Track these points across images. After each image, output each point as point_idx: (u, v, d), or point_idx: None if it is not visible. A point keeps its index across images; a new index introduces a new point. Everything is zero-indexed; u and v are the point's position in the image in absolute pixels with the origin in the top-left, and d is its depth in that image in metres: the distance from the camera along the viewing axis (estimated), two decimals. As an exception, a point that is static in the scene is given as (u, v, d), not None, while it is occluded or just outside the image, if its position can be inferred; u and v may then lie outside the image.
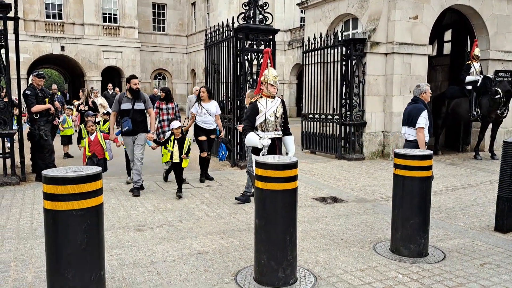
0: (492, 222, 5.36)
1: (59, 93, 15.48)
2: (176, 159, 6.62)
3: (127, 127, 6.71)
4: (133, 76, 6.90)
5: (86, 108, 11.15)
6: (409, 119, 5.94)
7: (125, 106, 6.76)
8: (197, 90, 10.64)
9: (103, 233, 3.02)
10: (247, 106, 6.36)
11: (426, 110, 5.83)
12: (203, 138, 7.69)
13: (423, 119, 5.79)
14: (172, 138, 6.68)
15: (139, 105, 6.82)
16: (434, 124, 11.75)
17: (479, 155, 10.76)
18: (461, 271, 3.98)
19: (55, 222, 2.79)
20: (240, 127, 7.31)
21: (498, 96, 10.04)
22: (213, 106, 7.85)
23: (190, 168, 8.22)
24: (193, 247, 4.49)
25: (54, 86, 14.54)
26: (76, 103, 13.20)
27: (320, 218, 5.62)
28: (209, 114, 7.72)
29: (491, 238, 4.92)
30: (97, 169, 2.94)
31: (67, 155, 10.33)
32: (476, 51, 10.58)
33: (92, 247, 2.88)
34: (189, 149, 6.73)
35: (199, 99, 7.91)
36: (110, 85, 16.99)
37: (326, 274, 3.89)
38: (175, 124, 6.72)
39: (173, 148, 6.62)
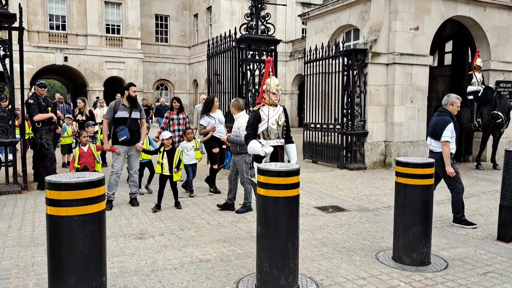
0: (494, 231, 5.34)
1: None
2: (166, 171, 6.42)
3: (125, 137, 6.40)
4: (132, 84, 6.69)
5: (84, 118, 11.08)
6: (434, 131, 5.78)
7: (122, 114, 6.45)
8: (204, 99, 10.62)
9: (105, 239, 3.02)
10: (234, 116, 6.39)
11: (452, 123, 5.68)
12: (216, 150, 7.49)
13: (449, 133, 5.64)
14: (162, 149, 6.47)
15: (136, 114, 6.58)
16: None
17: (481, 165, 10.74)
18: (464, 279, 3.96)
19: (58, 228, 2.79)
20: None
21: (500, 120, 10.04)
22: (221, 115, 7.91)
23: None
24: (195, 255, 4.47)
25: (59, 95, 14.59)
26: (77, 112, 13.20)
27: (322, 227, 5.61)
28: (220, 123, 7.72)
29: (494, 247, 4.90)
30: (100, 175, 2.95)
31: (67, 164, 10.35)
32: (478, 61, 10.62)
33: (94, 253, 2.87)
34: (179, 161, 6.52)
35: (207, 110, 7.72)
36: (118, 95, 16.80)
37: (328, 282, 3.87)
38: (166, 134, 6.56)
39: (162, 159, 6.42)
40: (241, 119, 6.22)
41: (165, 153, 6.43)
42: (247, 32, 9.07)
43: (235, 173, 6.40)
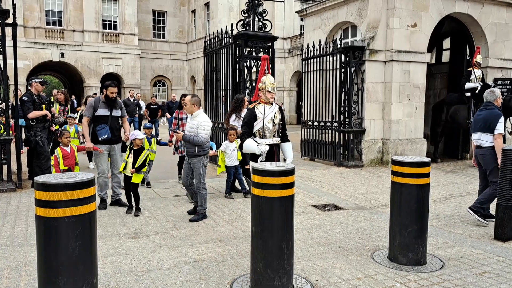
0: (491, 230, 5.31)
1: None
2: (128, 172, 5.95)
3: (106, 135, 6.16)
4: (113, 84, 6.32)
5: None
6: (486, 125, 5.67)
7: (102, 112, 6.22)
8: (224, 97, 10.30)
9: (96, 240, 2.97)
10: (190, 115, 5.73)
11: (502, 116, 5.67)
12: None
13: (501, 125, 5.59)
14: (130, 147, 6.05)
15: (117, 112, 6.38)
16: (433, 131, 11.79)
17: (478, 162, 10.71)
18: (460, 280, 3.93)
19: (47, 229, 2.75)
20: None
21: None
22: None
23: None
24: (189, 255, 4.43)
25: (55, 92, 14.45)
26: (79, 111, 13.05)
27: (318, 226, 5.58)
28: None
29: (490, 247, 4.87)
30: (90, 175, 2.90)
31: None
32: (478, 58, 10.56)
33: (84, 254, 2.83)
34: (143, 164, 5.96)
35: (237, 110, 7.27)
36: (132, 92, 15.59)
37: (323, 282, 3.83)
38: (139, 135, 6.03)
39: (127, 158, 5.97)
40: (200, 117, 5.64)
41: (132, 151, 5.98)
42: (244, 29, 9.01)
43: (190, 178, 5.85)
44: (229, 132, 7.06)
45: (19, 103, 7.55)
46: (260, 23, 9.13)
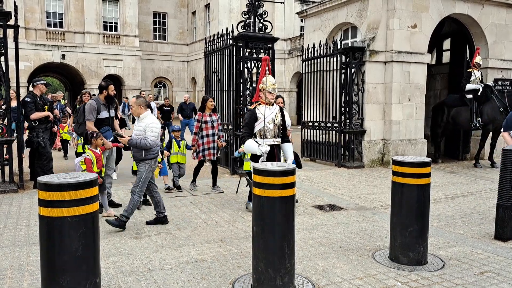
0: (492, 230, 5.33)
1: (64, 101, 14.85)
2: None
3: (112, 138, 6.26)
4: (111, 82, 6.52)
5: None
6: None
7: (104, 114, 6.35)
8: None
9: (99, 240, 3.00)
10: (137, 117, 5.42)
11: None
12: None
13: None
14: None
15: (113, 113, 6.52)
16: (433, 132, 11.80)
17: (479, 163, 10.73)
18: (461, 279, 3.95)
19: (50, 229, 2.77)
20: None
21: None
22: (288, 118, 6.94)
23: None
24: (191, 255, 4.45)
25: (61, 94, 14.43)
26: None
27: (319, 226, 5.59)
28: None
29: (491, 247, 4.89)
30: (93, 175, 2.93)
31: None
32: (478, 59, 10.58)
33: (87, 254, 2.85)
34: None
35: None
36: (143, 93, 15.04)
37: (325, 282, 3.85)
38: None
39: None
40: (148, 119, 5.34)
41: None
42: (244, 30, 9.03)
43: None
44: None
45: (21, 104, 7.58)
46: (261, 24, 9.15)
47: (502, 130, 5.94)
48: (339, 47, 10.30)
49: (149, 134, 5.22)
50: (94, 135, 5.90)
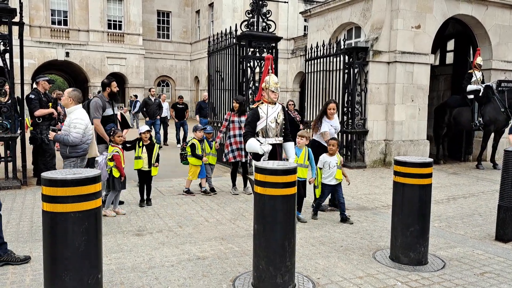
0: (493, 231, 5.33)
1: None
2: (145, 166, 6.24)
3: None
4: (114, 79, 6.54)
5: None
6: None
7: (109, 111, 6.35)
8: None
9: (101, 236, 3.02)
10: (66, 109, 5.25)
11: None
12: None
13: None
14: (140, 144, 6.26)
15: (116, 110, 6.54)
16: (436, 133, 11.79)
17: (482, 164, 10.72)
18: (461, 279, 3.95)
19: (54, 224, 2.80)
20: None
21: None
22: (338, 122, 6.51)
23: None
24: (192, 253, 4.48)
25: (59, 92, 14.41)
26: None
27: (320, 225, 5.61)
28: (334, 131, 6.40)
29: (492, 247, 4.89)
30: (96, 171, 2.95)
31: None
32: (478, 60, 10.58)
33: (89, 250, 2.87)
34: (158, 156, 6.36)
35: (325, 114, 6.29)
36: (153, 90, 13.82)
37: (325, 281, 3.87)
38: (144, 128, 6.28)
39: (141, 153, 6.21)
40: (74, 114, 5.15)
41: (144, 147, 6.24)
42: (247, 29, 9.04)
43: None
44: (330, 142, 5.89)
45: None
46: (264, 24, 9.17)
47: (508, 133, 5.95)
48: (342, 47, 10.30)
49: (73, 131, 5.06)
50: (113, 133, 5.92)
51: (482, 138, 10.86)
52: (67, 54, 27.84)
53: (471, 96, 10.53)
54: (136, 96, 21.91)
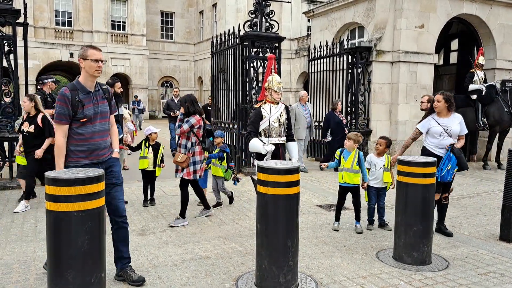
0: (497, 231, 5.31)
1: None
2: (150, 167, 6.36)
3: (122, 135, 6.41)
4: (117, 80, 6.67)
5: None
6: None
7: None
8: (306, 96, 9.75)
9: (105, 235, 3.03)
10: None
11: None
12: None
13: None
14: (146, 144, 6.37)
15: (121, 110, 6.65)
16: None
17: (488, 165, 10.65)
18: (465, 279, 3.94)
19: (57, 223, 2.81)
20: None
21: None
22: (456, 123, 5.26)
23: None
24: (195, 252, 4.49)
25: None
26: None
27: (323, 225, 5.60)
28: (448, 135, 5.15)
29: (496, 247, 4.87)
30: (100, 171, 2.96)
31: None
32: (480, 59, 10.52)
33: (93, 249, 2.89)
34: (162, 156, 6.47)
35: (432, 111, 5.39)
36: (176, 90, 12.94)
37: (328, 280, 3.86)
38: (153, 129, 6.41)
39: (147, 153, 6.33)
40: None
41: (150, 147, 6.35)
42: (251, 29, 9.05)
43: None
44: (379, 142, 5.56)
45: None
46: (267, 24, 9.17)
47: None
48: (345, 47, 10.29)
49: None
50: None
51: (488, 138, 10.79)
52: (71, 55, 27.94)
53: (474, 96, 10.47)
54: (136, 97, 22.07)
